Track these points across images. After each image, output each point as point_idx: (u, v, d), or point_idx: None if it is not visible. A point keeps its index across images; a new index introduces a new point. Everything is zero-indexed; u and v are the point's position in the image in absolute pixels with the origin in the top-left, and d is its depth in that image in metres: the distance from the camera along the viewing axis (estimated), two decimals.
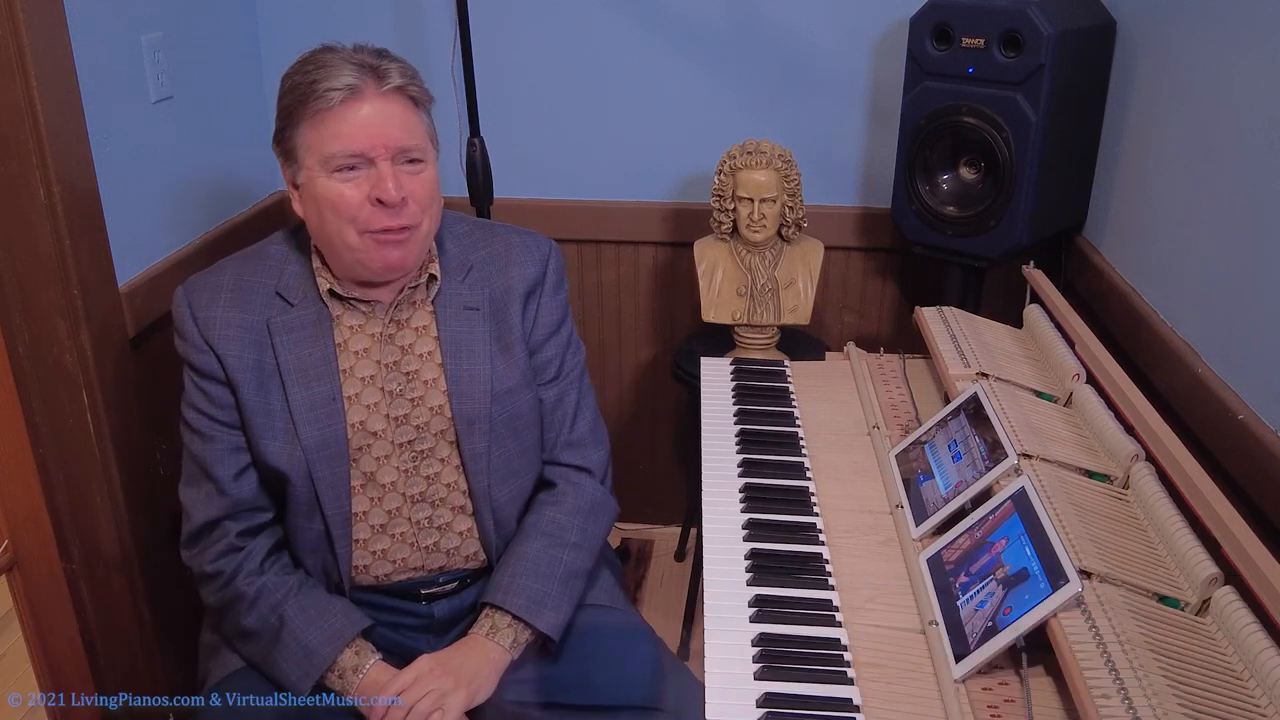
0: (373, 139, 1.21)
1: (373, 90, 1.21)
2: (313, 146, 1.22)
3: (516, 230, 1.43)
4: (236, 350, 1.27)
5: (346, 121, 1.20)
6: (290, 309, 1.29)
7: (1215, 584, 1.02)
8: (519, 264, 1.38)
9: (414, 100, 1.26)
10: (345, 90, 1.20)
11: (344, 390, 1.29)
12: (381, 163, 1.21)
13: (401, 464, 1.32)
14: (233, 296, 1.29)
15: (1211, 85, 1.44)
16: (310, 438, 1.27)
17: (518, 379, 1.36)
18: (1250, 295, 1.28)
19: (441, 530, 1.35)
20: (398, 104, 1.23)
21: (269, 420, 1.27)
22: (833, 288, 2.26)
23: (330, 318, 1.30)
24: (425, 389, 1.32)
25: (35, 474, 1.59)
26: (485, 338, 1.34)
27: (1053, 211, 1.82)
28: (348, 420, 1.29)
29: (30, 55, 1.40)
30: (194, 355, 1.28)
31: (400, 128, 1.23)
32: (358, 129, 1.20)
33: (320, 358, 1.29)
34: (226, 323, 1.28)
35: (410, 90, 1.25)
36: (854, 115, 2.11)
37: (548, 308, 1.40)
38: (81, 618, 1.68)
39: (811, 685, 1.03)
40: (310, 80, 1.21)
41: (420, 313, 1.34)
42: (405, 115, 1.24)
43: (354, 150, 1.21)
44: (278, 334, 1.28)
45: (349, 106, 1.20)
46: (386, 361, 1.31)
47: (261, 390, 1.27)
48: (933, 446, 1.36)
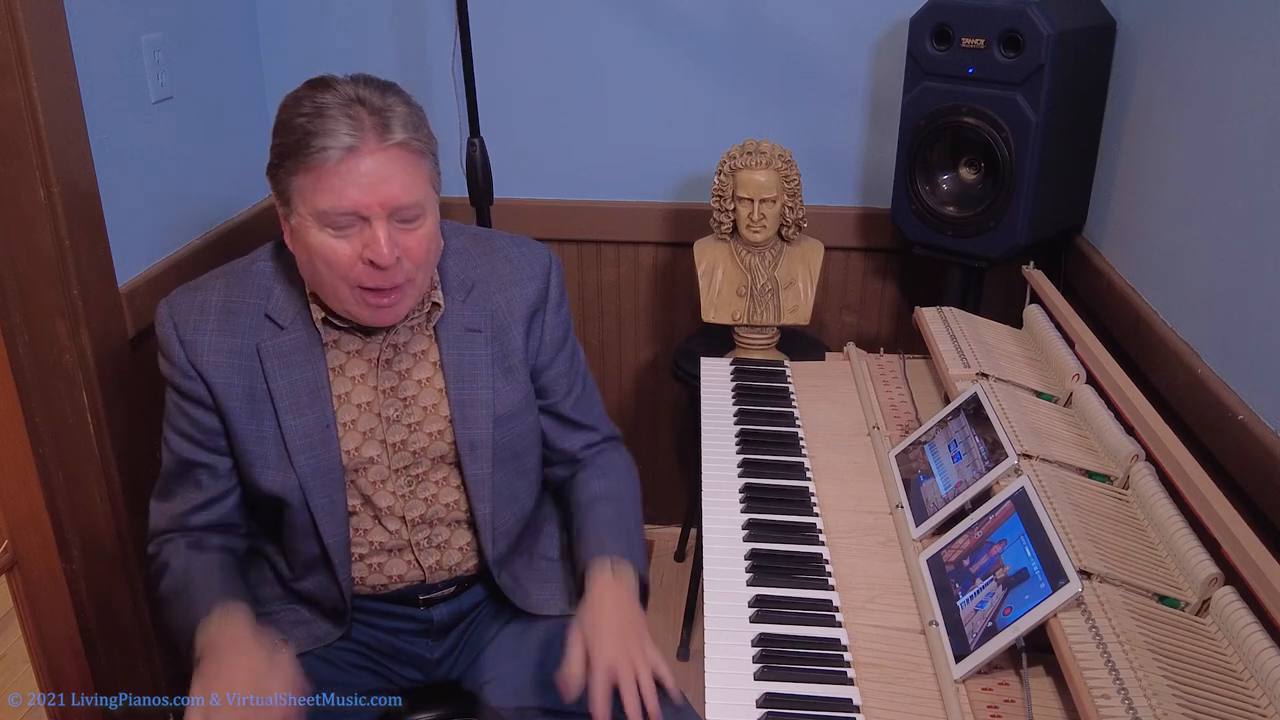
0: (369, 198, 1.12)
1: (372, 145, 1.12)
2: (305, 197, 1.14)
3: (515, 241, 1.38)
4: (226, 378, 1.23)
5: (341, 178, 1.11)
6: (280, 332, 1.24)
7: (1215, 584, 1.02)
8: (520, 282, 1.34)
9: (416, 154, 1.16)
10: (340, 152, 1.11)
11: (338, 416, 1.26)
12: (377, 222, 1.13)
13: (398, 489, 1.29)
14: (220, 320, 1.24)
15: (1211, 85, 1.44)
16: (304, 465, 1.24)
17: (520, 402, 1.33)
18: (1250, 295, 1.28)
19: (442, 549, 1.33)
20: (399, 160, 1.14)
21: (261, 448, 1.24)
22: (833, 288, 2.26)
23: (322, 341, 1.26)
24: (424, 415, 1.29)
25: (35, 474, 1.59)
26: (488, 360, 1.31)
27: (1053, 212, 1.82)
28: (342, 446, 1.26)
29: (30, 55, 1.40)
30: (180, 380, 1.24)
31: (400, 185, 1.14)
32: (353, 186, 1.12)
33: (312, 383, 1.25)
34: (215, 349, 1.23)
35: (413, 145, 1.15)
36: (854, 115, 2.11)
37: (552, 325, 1.36)
38: (81, 618, 1.68)
39: (811, 685, 1.03)
40: (306, 132, 1.12)
41: (419, 337, 1.29)
42: (406, 171, 1.15)
43: (348, 209, 1.12)
44: (268, 359, 1.24)
45: (344, 164, 1.11)
46: (384, 388, 1.28)
47: (254, 417, 1.24)
48: (933, 447, 1.36)
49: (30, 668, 1.73)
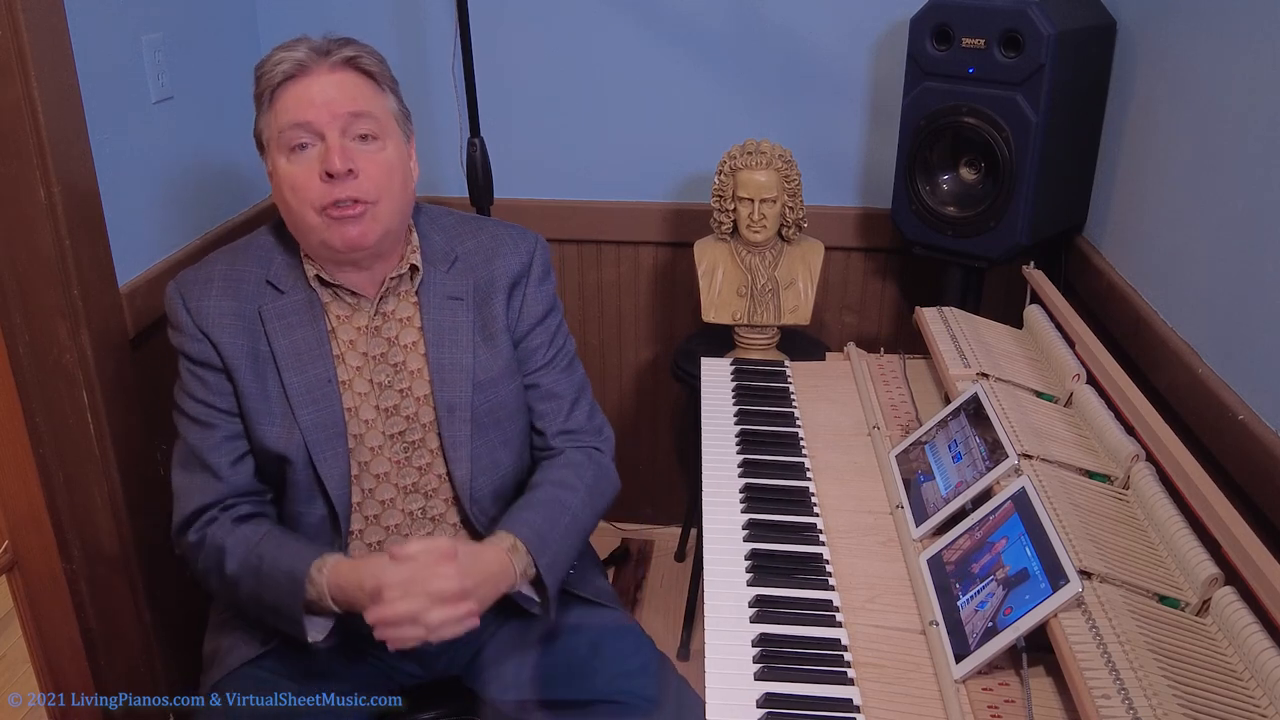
0: (319, 108, 1.22)
1: (321, 65, 1.24)
2: (270, 129, 1.25)
3: (504, 224, 1.44)
4: (230, 338, 1.28)
5: (294, 95, 1.23)
6: (281, 296, 1.31)
7: (1215, 584, 1.02)
8: (504, 255, 1.39)
9: (369, 75, 1.27)
10: (292, 64, 1.23)
11: (338, 374, 1.31)
12: (330, 135, 1.22)
13: (394, 455, 1.32)
14: (224, 287, 1.30)
15: (1211, 85, 1.44)
16: (307, 419, 1.28)
17: (500, 369, 1.36)
18: (1250, 295, 1.28)
19: (435, 521, 1.35)
20: (349, 76, 1.25)
21: (266, 405, 1.28)
22: (833, 288, 2.26)
23: (320, 303, 1.32)
24: (412, 379, 1.33)
25: (35, 474, 1.59)
26: (468, 327, 1.35)
27: (1053, 212, 1.82)
28: (344, 403, 1.30)
29: (30, 55, 1.40)
30: (189, 345, 1.29)
31: (348, 96, 1.24)
32: (304, 101, 1.22)
33: (314, 340, 1.30)
34: (220, 311, 1.29)
35: (363, 63, 1.26)
36: (854, 115, 2.11)
37: (533, 298, 1.40)
38: (81, 618, 1.68)
39: (811, 685, 1.03)
40: (263, 63, 1.25)
41: (404, 304, 1.34)
42: (357, 86, 1.25)
43: (300, 120, 1.22)
44: (270, 320, 1.29)
45: (298, 82, 1.23)
46: (374, 354, 1.32)
47: (258, 377, 1.29)
48: (933, 447, 1.36)
49: (30, 668, 1.73)
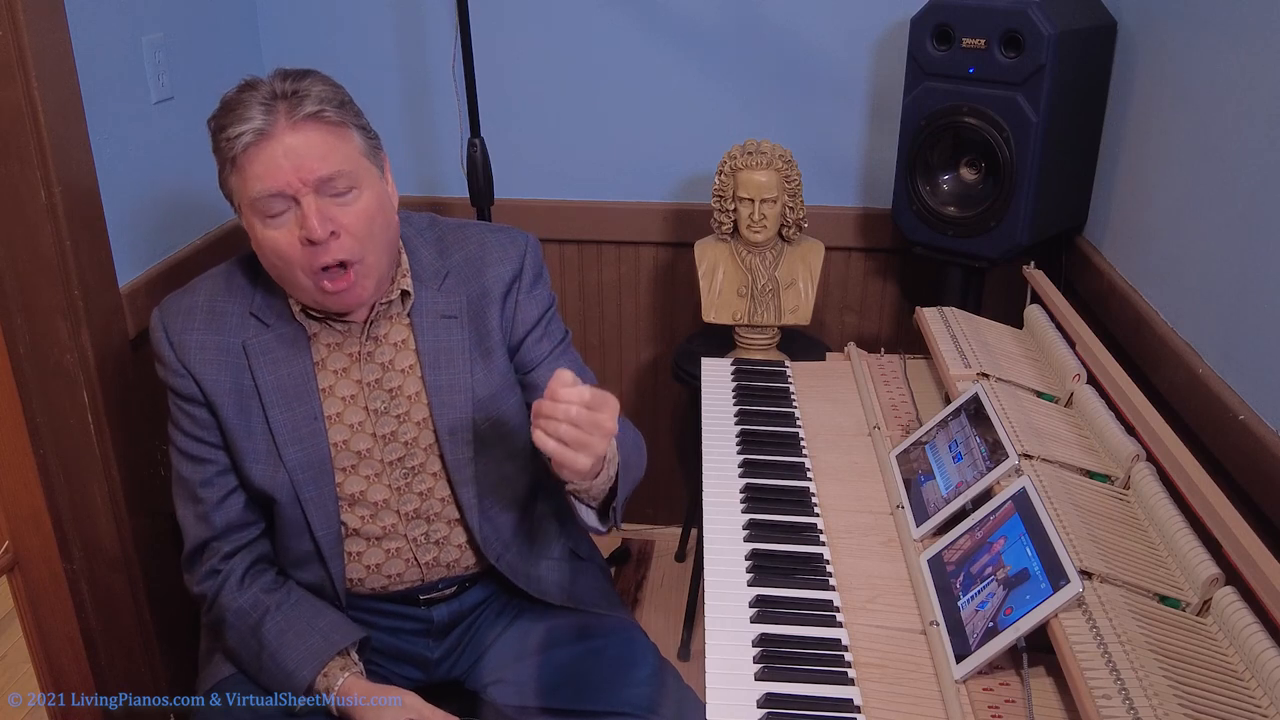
0: (288, 175, 1.14)
1: (283, 125, 1.15)
2: (241, 194, 1.18)
3: (491, 228, 1.39)
4: (213, 374, 1.25)
5: (261, 163, 1.15)
6: (266, 329, 1.27)
7: (1216, 584, 1.02)
8: (494, 264, 1.34)
9: (333, 124, 1.18)
10: (252, 134, 1.14)
11: (324, 410, 1.27)
12: (305, 199, 1.15)
13: (392, 481, 1.30)
14: (207, 319, 1.27)
15: (1211, 85, 1.44)
16: (293, 459, 1.25)
17: (499, 384, 1.34)
18: (1250, 295, 1.28)
19: (440, 544, 1.33)
20: (315, 133, 1.16)
21: (251, 444, 1.26)
22: (833, 288, 2.26)
23: (307, 336, 1.28)
24: (409, 404, 1.30)
25: (35, 474, 1.59)
26: (464, 345, 1.32)
27: (1053, 212, 1.82)
28: (330, 439, 1.27)
29: (30, 55, 1.40)
30: (173, 380, 1.27)
31: (317, 158, 1.16)
32: (273, 167, 1.14)
33: (300, 376, 1.27)
34: (202, 345, 1.26)
35: (326, 115, 1.17)
36: (854, 115, 2.11)
37: (526, 303, 1.36)
38: (81, 618, 1.68)
39: (812, 685, 1.03)
40: (221, 127, 1.16)
41: (397, 326, 1.31)
42: (325, 142, 1.16)
43: (272, 190, 1.15)
44: (254, 355, 1.26)
45: (261, 149, 1.14)
46: (368, 380, 1.29)
47: (242, 413, 1.26)
48: (933, 447, 1.36)
49: (31, 668, 1.73)
